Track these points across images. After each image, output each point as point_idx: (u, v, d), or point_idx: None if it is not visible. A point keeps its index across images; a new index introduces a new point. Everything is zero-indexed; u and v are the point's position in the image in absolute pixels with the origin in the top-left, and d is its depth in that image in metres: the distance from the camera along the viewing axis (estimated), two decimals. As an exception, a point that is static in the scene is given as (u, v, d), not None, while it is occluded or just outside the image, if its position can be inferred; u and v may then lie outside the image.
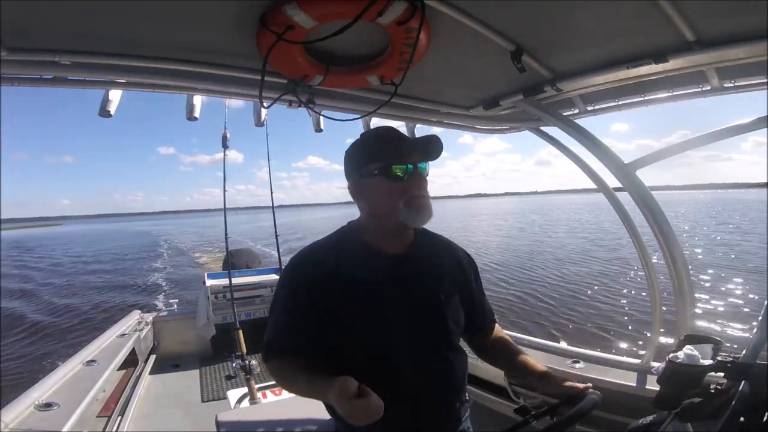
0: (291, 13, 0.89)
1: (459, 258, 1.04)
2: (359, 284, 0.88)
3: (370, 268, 0.90)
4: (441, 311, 0.93)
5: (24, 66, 1.09)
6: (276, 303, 0.94)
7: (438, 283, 0.95)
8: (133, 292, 11.85)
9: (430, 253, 0.98)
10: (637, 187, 1.45)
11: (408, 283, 0.92)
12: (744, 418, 0.71)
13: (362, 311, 0.87)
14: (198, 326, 3.43)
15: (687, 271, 1.48)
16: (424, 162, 0.90)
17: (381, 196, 0.89)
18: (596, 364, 1.82)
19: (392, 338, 0.89)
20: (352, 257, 0.90)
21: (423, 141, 0.91)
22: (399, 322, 0.89)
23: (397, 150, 0.89)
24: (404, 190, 0.87)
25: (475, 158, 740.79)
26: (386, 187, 0.88)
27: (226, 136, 3.26)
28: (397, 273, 0.91)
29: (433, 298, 0.93)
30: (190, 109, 1.57)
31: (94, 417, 2.15)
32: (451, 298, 0.96)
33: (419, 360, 0.90)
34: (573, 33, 1.13)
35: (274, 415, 1.46)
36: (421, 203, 0.87)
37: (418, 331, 0.91)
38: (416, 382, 0.89)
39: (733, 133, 1.32)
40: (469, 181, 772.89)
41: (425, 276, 0.94)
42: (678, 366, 0.84)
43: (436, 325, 0.93)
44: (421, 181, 0.89)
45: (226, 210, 3.44)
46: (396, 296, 0.90)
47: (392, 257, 0.93)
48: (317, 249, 0.95)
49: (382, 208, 0.90)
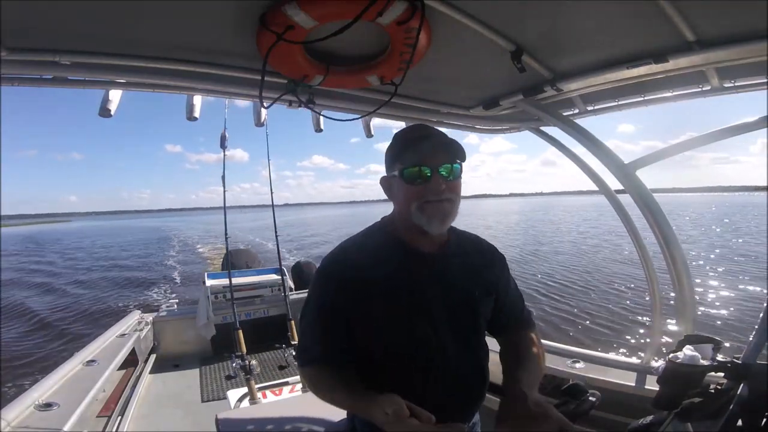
0: (291, 13, 0.89)
1: (489, 255, 1.02)
2: (394, 282, 0.86)
3: (404, 267, 0.88)
4: (474, 309, 0.93)
5: (24, 66, 1.10)
6: (308, 305, 0.92)
7: (471, 282, 0.93)
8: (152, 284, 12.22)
9: (463, 251, 0.96)
10: (637, 188, 1.45)
11: (441, 281, 0.91)
12: (744, 418, 0.71)
13: (395, 311, 0.86)
14: (198, 326, 3.42)
15: (687, 271, 1.48)
16: (444, 164, 0.84)
17: (400, 197, 0.88)
18: (596, 364, 1.82)
19: (427, 335, 0.88)
20: (386, 255, 0.89)
21: (452, 145, 0.86)
22: (434, 320, 0.89)
23: (413, 152, 0.84)
24: (419, 195, 0.84)
25: (481, 158, 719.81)
26: (404, 190, 0.86)
27: (225, 136, 3.25)
28: (430, 272, 0.90)
29: (467, 296, 0.92)
30: (190, 109, 1.57)
31: (94, 417, 2.15)
32: (483, 296, 0.95)
33: (453, 357, 0.90)
34: (573, 33, 1.13)
35: (274, 415, 1.46)
36: (433, 208, 0.84)
37: (452, 327, 0.90)
38: (449, 381, 0.89)
39: (733, 133, 1.32)
40: (474, 181, 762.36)
41: (459, 274, 0.93)
42: (678, 366, 0.84)
43: (469, 322, 0.93)
44: (438, 184, 0.83)
45: (226, 210, 3.44)
46: (429, 295, 0.89)
47: (426, 255, 0.91)
48: (349, 248, 0.93)
49: (403, 211, 0.89)
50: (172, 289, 11.20)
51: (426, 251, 0.91)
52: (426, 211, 0.84)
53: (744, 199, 71.89)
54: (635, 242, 1.63)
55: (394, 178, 0.88)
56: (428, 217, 0.84)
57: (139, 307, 4.54)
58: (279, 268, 3.82)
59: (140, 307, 5.01)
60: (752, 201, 61.11)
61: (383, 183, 0.93)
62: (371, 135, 2.10)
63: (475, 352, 0.94)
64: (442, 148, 0.85)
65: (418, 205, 0.84)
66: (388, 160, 0.91)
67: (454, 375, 0.89)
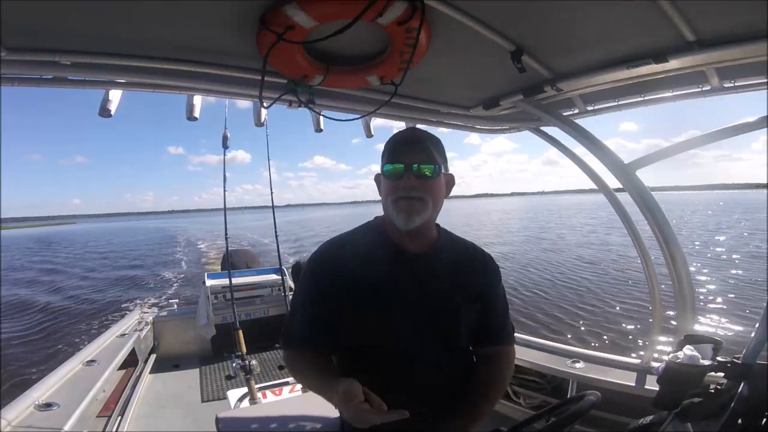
0: (291, 13, 0.89)
1: (480, 262, 1.02)
2: (376, 279, 0.88)
3: (389, 265, 0.90)
4: (455, 313, 0.93)
5: (24, 66, 1.09)
6: (298, 292, 0.97)
7: (454, 285, 0.94)
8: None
9: (450, 254, 0.97)
10: (637, 188, 1.45)
11: (424, 282, 0.91)
12: (744, 418, 0.71)
13: (377, 307, 0.88)
14: (198, 326, 3.42)
15: (687, 271, 1.48)
16: (416, 163, 0.87)
17: (382, 194, 0.93)
18: (596, 364, 1.82)
19: (404, 335, 0.89)
20: (373, 253, 0.91)
21: (428, 143, 0.89)
22: (412, 320, 0.90)
23: (393, 150, 0.90)
24: (392, 190, 0.89)
25: (482, 158, 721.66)
26: (383, 186, 0.92)
27: (227, 136, 3.24)
28: (414, 271, 0.91)
29: (448, 299, 0.93)
30: (190, 109, 1.57)
31: (94, 417, 2.15)
32: (467, 301, 0.95)
33: (429, 358, 0.90)
34: (573, 33, 1.13)
35: (274, 415, 1.46)
36: (402, 204, 0.87)
37: (429, 330, 0.91)
38: (429, 381, 0.90)
39: (734, 133, 1.32)
40: (476, 181, 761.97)
41: (442, 277, 0.93)
42: (678, 366, 0.84)
43: (448, 325, 0.93)
44: (409, 181, 0.86)
45: (226, 210, 3.44)
46: (411, 294, 0.90)
47: (411, 255, 0.93)
48: (340, 242, 0.96)
49: (384, 207, 0.94)
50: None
51: (412, 251, 0.93)
52: (396, 206, 0.88)
53: (746, 197, 71.91)
54: (635, 242, 1.63)
55: (381, 176, 0.93)
56: (397, 212, 0.88)
57: (142, 306, 4.58)
58: (279, 268, 3.82)
59: (142, 306, 5.03)
60: (752, 198, 61.26)
61: (376, 180, 0.97)
62: (371, 135, 2.10)
63: (453, 352, 0.94)
64: (419, 147, 0.88)
65: (391, 200, 0.88)
66: (381, 160, 0.95)
67: (432, 374, 0.90)
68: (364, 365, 0.89)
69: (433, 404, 0.90)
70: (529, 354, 2.04)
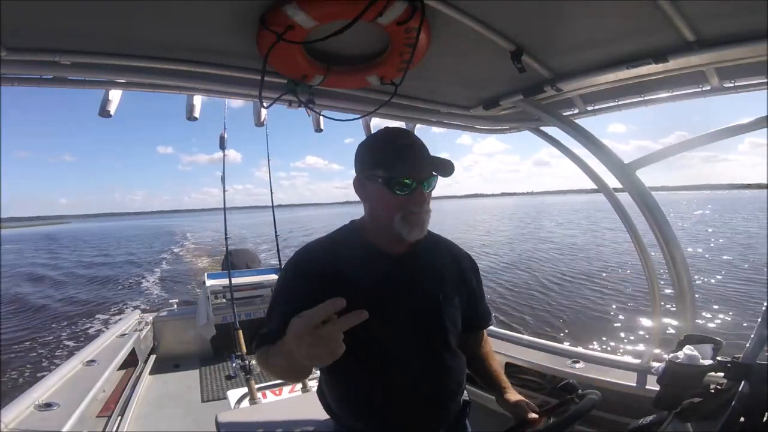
0: (291, 13, 0.89)
1: (460, 260, 1.04)
2: (359, 282, 0.87)
3: (370, 266, 0.90)
4: (439, 312, 0.93)
5: (24, 66, 1.09)
6: (276, 295, 0.92)
7: (437, 284, 0.95)
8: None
9: (431, 254, 0.98)
10: (637, 188, 1.45)
11: (407, 282, 0.92)
12: (744, 419, 0.71)
13: (360, 306, 0.87)
14: (198, 326, 3.42)
15: (687, 271, 1.48)
16: (426, 180, 0.87)
17: (381, 204, 0.89)
18: (596, 364, 1.82)
19: (389, 337, 0.88)
20: (353, 255, 0.91)
21: (435, 161, 0.88)
22: (396, 322, 0.89)
23: (403, 163, 0.85)
24: (403, 205, 0.86)
25: (474, 159, 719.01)
26: (386, 198, 0.86)
27: (224, 137, 3.24)
28: (396, 272, 0.91)
29: (432, 299, 0.93)
30: (190, 109, 1.57)
31: (94, 417, 2.15)
32: (450, 300, 0.96)
33: (416, 359, 0.90)
34: (573, 33, 1.13)
35: (274, 415, 1.46)
36: (416, 219, 0.87)
37: (415, 330, 0.91)
38: (412, 382, 0.89)
39: (733, 133, 1.32)
40: (467, 181, 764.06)
41: (424, 276, 0.94)
42: (678, 366, 0.84)
43: (433, 325, 0.93)
44: (422, 197, 0.86)
45: (225, 210, 3.44)
46: (394, 295, 0.90)
47: (392, 256, 0.93)
48: (319, 245, 0.95)
49: (380, 216, 0.90)
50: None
51: (394, 252, 0.93)
52: (409, 221, 0.86)
53: (733, 197, 71.90)
54: (635, 242, 1.63)
55: (373, 183, 0.88)
56: (411, 226, 0.86)
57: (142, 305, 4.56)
58: (279, 268, 3.81)
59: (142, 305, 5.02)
60: (743, 197, 61.27)
61: (356, 184, 0.93)
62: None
63: (440, 352, 0.94)
64: (426, 162, 0.87)
65: (402, 216, 0.86)
66: (367, 162, 0.90)
67: (419, 374, 0.90)
68: (349, 368, 0.86)
69: (419, 406, 0.90)
70: (529, 354, 2.04)
